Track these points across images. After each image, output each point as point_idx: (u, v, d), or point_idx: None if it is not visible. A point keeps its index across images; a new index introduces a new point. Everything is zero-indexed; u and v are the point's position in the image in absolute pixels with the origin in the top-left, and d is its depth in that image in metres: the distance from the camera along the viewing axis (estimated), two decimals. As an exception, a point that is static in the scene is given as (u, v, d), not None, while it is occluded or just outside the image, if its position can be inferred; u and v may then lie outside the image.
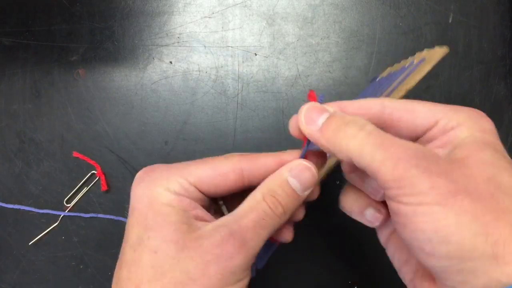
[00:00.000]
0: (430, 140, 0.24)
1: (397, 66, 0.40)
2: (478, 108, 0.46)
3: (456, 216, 0.19)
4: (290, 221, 0.27)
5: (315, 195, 0.27)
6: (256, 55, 0.46)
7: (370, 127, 0.22)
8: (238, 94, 0.46)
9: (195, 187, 0.24)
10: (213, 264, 0.22)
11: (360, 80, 0.45)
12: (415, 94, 0.46)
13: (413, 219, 0.20)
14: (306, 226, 0.44)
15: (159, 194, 0.24)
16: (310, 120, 0.23)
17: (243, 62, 0.46)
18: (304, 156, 0.26)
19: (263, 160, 0.25)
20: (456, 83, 0.46)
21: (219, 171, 0.25)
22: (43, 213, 0.44)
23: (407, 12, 0.47)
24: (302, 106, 0.24)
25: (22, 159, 0.45)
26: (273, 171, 0.25)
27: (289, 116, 0.45)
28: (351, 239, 0.43)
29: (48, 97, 0.46)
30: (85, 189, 0.44)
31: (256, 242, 0.23)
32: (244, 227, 0.23)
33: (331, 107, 0.24)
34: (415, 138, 0.24)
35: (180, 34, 0.47)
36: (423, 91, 0.45)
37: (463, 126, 0.22)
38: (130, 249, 0.24)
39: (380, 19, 0.47)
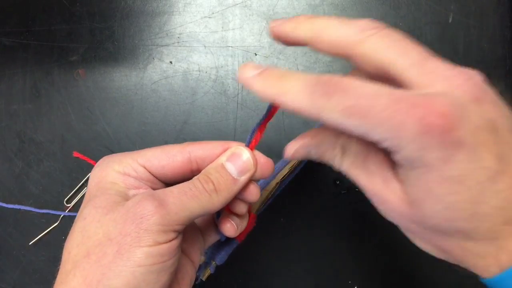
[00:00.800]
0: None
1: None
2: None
3: None
4: (244, 202, 0.28)
5: (254, 197, 0.27)
6: (256, 55, 0.46)
7: (345, 162, 0.24)
8: (238, 94, 0.46)
9: (144, 167, 0.25)
10: (129, 223, 0.22)
11: (360, 80, 0.45)
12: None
13: None
14: (306, 226, 0.44)
15: (107, 174, 0.25)
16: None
17: (243, 62, 0.46)
18: (248, 145, 0.27)
19: (210, 145, 0.26)
20: (456, 83, 0.46)
21: (167, 153, 0.26)
22: (43, 213, 0.44)
23: (407, 12, 0.47)
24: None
25: (22, 159, 0.45)
26: (218, 155, 0.26)
27: (289, 116, 0.45)
28: (351, 239, 0.43)
29: (48, 97, 0.46)
30: (85, 189, 0.44)
31: (178, 208, 0.23)
32: (167, 192, 0.23)
33: None
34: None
35: (180, 34, 0.47)
36: (423, 91, 0.45)
37: (439, 89, 0.20)
38: (74, 222, 0.25)
39: (380, 19, 0.46)
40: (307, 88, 0.20)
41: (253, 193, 0.27)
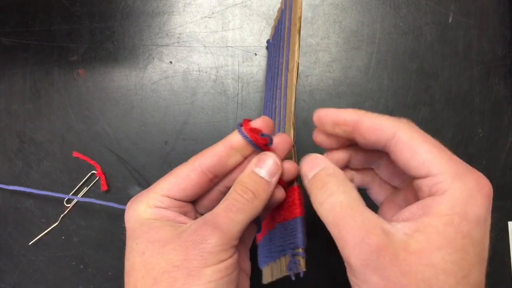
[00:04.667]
0: (416, 188, 0.24)
1: (278, 15, 0.40)
2: (478, 109, 0.46)
3: None
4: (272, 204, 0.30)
5: (293, 172, 0.30)
6: (256, 55, 0.46)
7: (335, 198, 0.25)
8: (238, 94, 0.46)
9: (168, 197, 0.27)
10: (191, 249, 0.25)
11: (360, 80, 0.46)
12: (415, 94, 0.46)
13: None
14: (306, 225, 0.44)
15: (142, 211, 0.27)
16: (304, 175, 0.28)
17: (243, 62, 0.46)
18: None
19: (214, 150, 0.28)
20: (456, 83, 0.46)
21: (181, 176, 0.28)
22: (43, 213, 0.44)
23: (407, 12, 0.47)
24: (306, 157, 0.28)
25: (22, 159, 0.45)
26: (226, 155, 0.28)
27: (289, 116, 0.45)
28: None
29: (48, 97, 0.46)
30: (85, 189, 0.44)
31: (230, 225, 0.25)
32: (215, 214, 0.26)
33: (325, 160, 0.28)
34: (409, 176, 0.25)
35: (180, 34, 0.47)
36: (423, 91, 0.45)
37: (447, 199, 0.22)
38: (126, 260, 0.27)
39: (380, 19, 0.47)
40: (391, 117, 0.25)
41: (291, 170, 0.29)
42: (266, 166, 0.28)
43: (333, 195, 0.25)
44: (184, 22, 0.47)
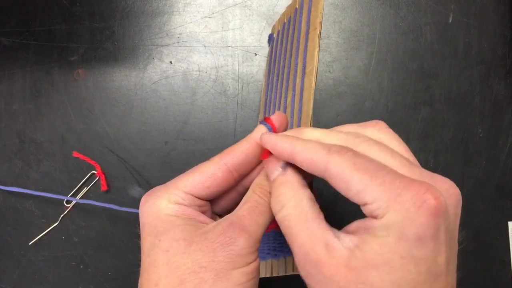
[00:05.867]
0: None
1: (288, 12, 0.38)
2: (478, 109, 0.46)
3: None
4: None
5: None
6: (256, 55, 0.46)
7: (285, 211, 0.25)
8: (238, 94, 0.46)
9: (191, 195, 0.27)
10: (219, 251, 0.25)
11: (360, 80, 0.46)
12: (415, 94, 0.46)
13: None
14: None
15: (163, 207, 0.27)
16: (270, 172, 0.27)
17: (243, 62, 0.46)
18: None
19: (240, 147, 0.28)
20: (456, 83, 0.46)
21: (206, 174, 0.27)
22: (43, 213, 0.44)
23: (407, 12, 0.47)
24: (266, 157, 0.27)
25: (22, 159, 0.45)
26: (252, 152, 0.28)
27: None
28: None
29: (48, 97, 0.46)
30: (85, 189, 0.44)
31: (255, 227, 0.26)
32: (241, 216, 0.26)
33: (278, 165, 0.26)
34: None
35: (180, 34, 0.47)
36: (423, 91, 0.46)
37: (382, 223, 0.22)
38: (145, 256, 0.26)
39: (380, 19, 0.47)
40: (324, 146, 0.24)
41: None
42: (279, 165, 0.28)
43: (284, 208, 0.25)
44: (184, 22, 0.47)
